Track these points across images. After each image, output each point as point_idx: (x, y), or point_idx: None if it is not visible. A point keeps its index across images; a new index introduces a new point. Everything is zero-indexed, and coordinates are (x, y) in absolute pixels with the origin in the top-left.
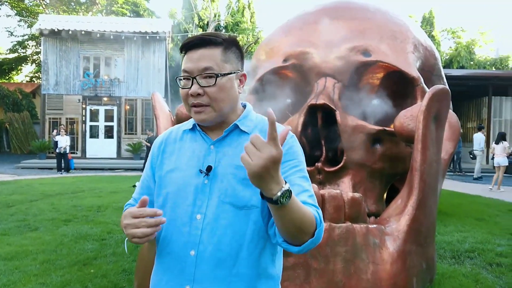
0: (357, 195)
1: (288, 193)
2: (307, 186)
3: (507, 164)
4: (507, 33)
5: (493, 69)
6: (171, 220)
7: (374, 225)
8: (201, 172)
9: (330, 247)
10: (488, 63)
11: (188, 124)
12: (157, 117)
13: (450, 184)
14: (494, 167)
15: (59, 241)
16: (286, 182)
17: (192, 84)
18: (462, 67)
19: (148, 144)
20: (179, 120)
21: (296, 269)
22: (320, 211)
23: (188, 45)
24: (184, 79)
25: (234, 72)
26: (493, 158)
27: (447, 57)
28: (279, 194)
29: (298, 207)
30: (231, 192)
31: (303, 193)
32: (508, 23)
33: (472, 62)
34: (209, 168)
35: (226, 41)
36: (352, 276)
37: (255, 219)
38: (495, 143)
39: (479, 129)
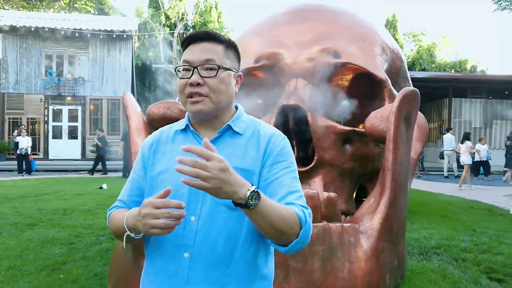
0: (332, 194)
1: (255, 194)
2: (297, 187)
3: (470, 162)
4: (466, 37)
5: (453, 71)
6: None
7: (349, 224)
8: None
9: (308, 246)
10: (448, 66)
11: (180, 124)
12: (129, 117)
13: (414, 183)
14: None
15: (24, 246)
16: (252, 185)
17: (192, 74)
18: (424, 70)
19: (100, 144)
20: (150, 120)
21: (276, 269)
22: (308, 212)
23: (192, 38)
24: (183, 69)
25: (233, 70)
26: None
27: (409, 60)
28: (247, 195)
29: (272, 209)
30: None
31: (292, 194)
32: (466, 28)
33: (433, 65)
34: None
35: (228, 41)
36: (329, 274)
37: (249, 220)
38: (460, 142)
39: (448, 130)
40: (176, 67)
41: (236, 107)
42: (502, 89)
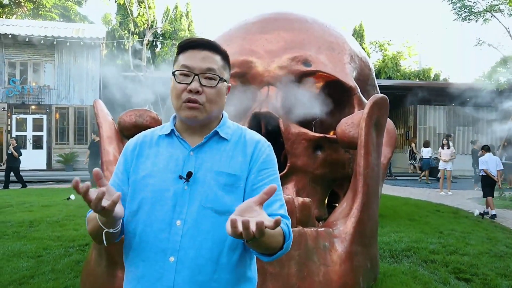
0: (307, 200)
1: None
2: (279, 195)
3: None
4: (428, 47)
5: (417, 80)
6: (146, 226)
7: (323, 228)
8: (181, 178)
9: None
10: (413, 74)
11: (164, 129)
12: (100, 125)
13: (383, 188)
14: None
15: None
16: None
17: (192, 81)
18: (390, 78)
19: (15, 153)
20: (121, 128)
21: None
22: (289, 222)
23: (193, 44)
24: (181, 74)
25: (228, 82)
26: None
27: (375, 68)
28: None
29: (267, 234)
30: (212, 198)
31: (275, 203)
32: (428, 38)
33: (398, 73)
34: (189, 174)
35: (224, 53)
36: (306, 278)
37: None
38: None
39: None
40: (175, 70)
41: (222, 114)
42: (463, 96)
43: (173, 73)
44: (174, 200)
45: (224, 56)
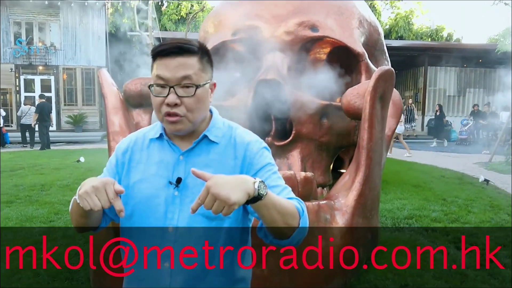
0: (309, 174)
1: (262, 184)
2: (284, 184)
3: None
4: (442, 5)
5: (429, 40)
6: (139, 232)
7: (324, 201)
8: (171, 184)
9: None
10: (425, 34)
11: (154, 132)
12: (105, 95)
13: (393, 151)
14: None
15: (2, 225)
16: (254, 178)
17: (169, 93)
18: (401, 37)
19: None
20: (127, 97)
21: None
22: (302, 203)
23: (164, 52)
24: (158, 86)
25: (209, 82)
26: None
27: (386, 27)
28: (256, 187)
29: (277, 198)
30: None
31: (283, 191)
32: None
33: (410, 32)
34: (178, 180)
35: (201, 49)
36: (305, 251)
37: (227, 228)
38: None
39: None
40: (150, 85)
41: (211, 111)
42: (476, 58)
43: (149, 86)
44: (165, 206)
45: (202, 53)
